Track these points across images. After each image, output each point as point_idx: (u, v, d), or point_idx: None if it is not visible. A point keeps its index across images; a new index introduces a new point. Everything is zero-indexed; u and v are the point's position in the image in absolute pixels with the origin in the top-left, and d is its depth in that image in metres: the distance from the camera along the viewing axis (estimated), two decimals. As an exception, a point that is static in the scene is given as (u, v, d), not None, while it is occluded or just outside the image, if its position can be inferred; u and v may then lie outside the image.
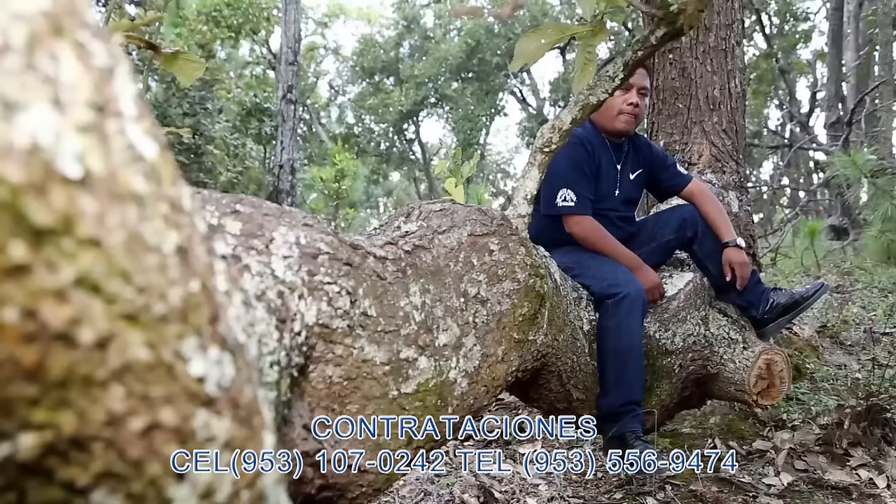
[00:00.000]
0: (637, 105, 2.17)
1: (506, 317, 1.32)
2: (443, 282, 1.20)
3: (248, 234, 0.82)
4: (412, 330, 1.09)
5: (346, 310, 0.94)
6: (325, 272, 0.91)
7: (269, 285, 0.79)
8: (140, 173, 0.36)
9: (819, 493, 2.55)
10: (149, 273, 0.35)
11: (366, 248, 1.07)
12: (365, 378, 1.01)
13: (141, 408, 0.35)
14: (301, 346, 0.85)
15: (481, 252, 1.29)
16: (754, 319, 2.34)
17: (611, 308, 2.04)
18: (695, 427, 3.09)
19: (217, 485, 0.40)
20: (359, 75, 26.02)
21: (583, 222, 2.14)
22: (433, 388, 1.12)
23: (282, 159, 8.80)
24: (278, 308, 0.77)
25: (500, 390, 1.37)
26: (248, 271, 0.77)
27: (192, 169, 7.63)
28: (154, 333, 0.35)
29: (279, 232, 0.87)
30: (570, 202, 2.08)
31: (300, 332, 0.84)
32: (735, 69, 3.29)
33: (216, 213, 0.81)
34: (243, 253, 0.79)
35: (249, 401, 0.43)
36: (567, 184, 2.08)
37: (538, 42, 1.20)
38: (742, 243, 2.31)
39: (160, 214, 0.37)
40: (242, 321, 0.48)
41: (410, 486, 2.67)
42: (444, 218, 1.29)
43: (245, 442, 0.42)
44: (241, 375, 0.43)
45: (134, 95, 0.39)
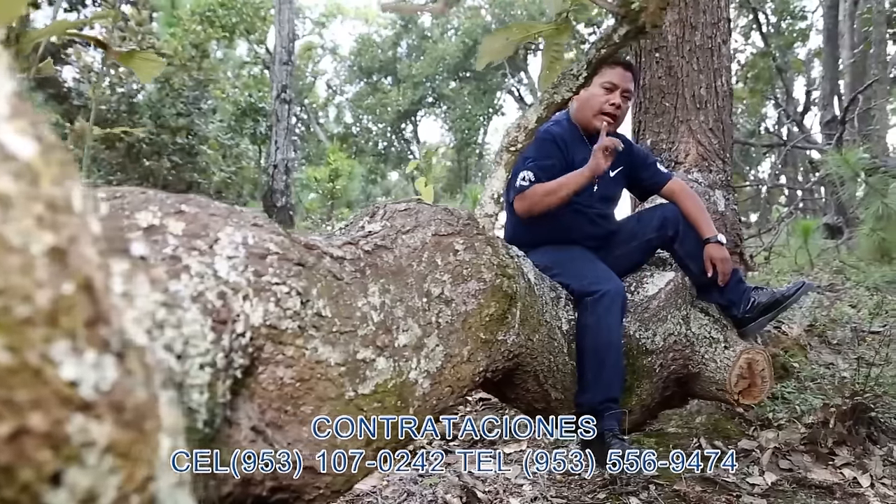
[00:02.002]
0: (619, 107, 2.17)
1: (472, 317, 1.31)
2: (405, 282, 1.19)
3: (191, 234, 0.82)
4: (370, 330, 1.09)
5: (296, 310, 0.93)
6: (273, 273, 0.90)
7: (209, 286, 0.78)
8: (8, 173, 0.36)
9: (803, 492, 2.55)
10: (10, 275, 0.34)
11: (322, 249, 1.06)
12: (319, 379, 1.00)
13: (6, 413, 0.34)
14: (245, 348, 0.84)
15: (446, 252, 1.28)
16: (735, 318, 2.33)
17: (590, 306, 2.03)
18: (681, 426, 3.08)
19: (100, 490, 0.39)
20: (356, 75, 26.02)
21: (525, 194, 2.08)
22: (392, 388, 1.12)
23: (276, 159, 8.79)
24: (217, 309, 0.77)
25: (466, 391, 1.37)
26: (188, 272, 0.76)
27: (185, 169, 7.64)
28: (16, 336, 0.34)
29: (225, 232, 0.86)
30: (526, 181, 2.06)
31: (244, 334, 0.83)
32: (721, 67, 3.28)
33: (158, 213, 0.81)
34: (184, 253, 0.78)
35: (140, 404, 0.43)
36: (528, 167, 2.06)
37: (503, 40, 1.19)
38: (724, 240, 2.30)
39: (32, 215, 0.36)
40: (149, 322, 0.47)
41: (394, 487, 2.67)
42: (408, 218, 1.29)
43: (132, 446, 0.41)
44: (131, 378, 0.42)
45: (8, 94, 0.38)
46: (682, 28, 3.21)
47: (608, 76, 2.16)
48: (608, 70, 2.17)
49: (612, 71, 2.16)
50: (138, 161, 7.42)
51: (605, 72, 2.18)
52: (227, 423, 0.84)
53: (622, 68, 2.19)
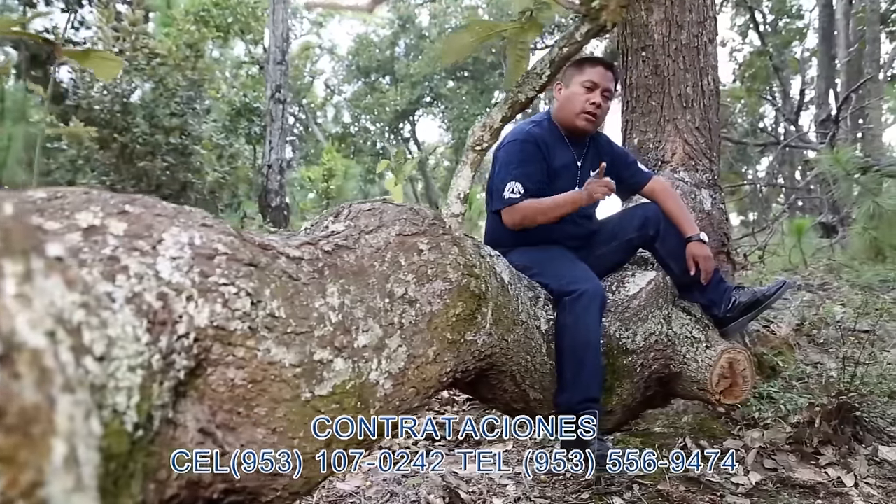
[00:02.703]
0: (599, 106, 2.15)
1: (437, 317, 1.31)
2: (366, 282, 1.18)
3: (133, 234, 0.81)
4: (328, 331, 1.08)
5: (245, 311, 0.93)
6: (221, 273, 0.89)
7: (148, 287, 0.77)
8: None
9: (786, 491, 2.54)
10: None
11: (278, 249, 1.05)
12: (273, 380, 0.99)
13: None
14: (189, 349, 0.83)
15: (410, 252, 1.27)
16: (716, 318, 2.33)
17: (568, 305, 2.02)
18: (667, 426, 3.08)
19: (-22, 495, 0.39)
20: (354, 75, 26.01)
21: (513, 211, 2.10)
22: (351, 389, 1.11)
23: (270, 159, 8.78)
24: (155, 310, 0.76)
25: (433, 391, 1.36)
26: (125, 273, 0.76)
27: (179, 169, 7.63)
28: None
29: (170, 232, 0.85)
30: (516, 194, 2.06)
31: (187, 335, 0.82)
32: (708, 66, 3.27)
33: (100, 213, 0.80)
34: (124, 254, 0.78)
35: (27, 408, 0.42)
36: (516, 177, 2.06)
37: (466, 39, 1.18)
38: (706, 238, 2.30)
39: None
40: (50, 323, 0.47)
41: (377, 487, 2.66)
42: (372, 217, 1.28)
43: (17, 451, 0.41)
44: (18, 382, 0.42)
45: None
46: (668, 27, 3.20)
47: (589, 75, 2.15)
48: (589, 69, 2.16)
49: (592, 70, 2.15)
50: (132, 161, 7.41)
51: (586, 70, 2.17)
52: (172, 424, 0.84)
53: (602, 67, 2.17)
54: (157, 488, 0.79)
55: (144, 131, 7.36)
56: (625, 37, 3.36)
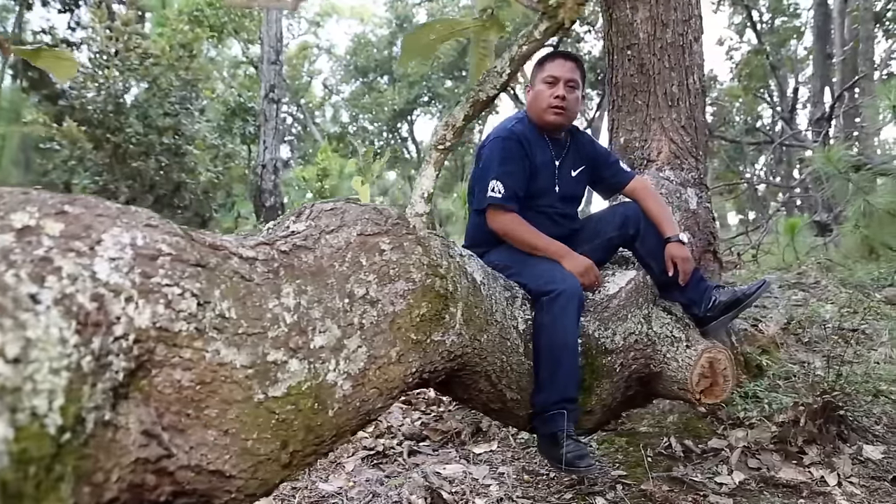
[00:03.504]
0: (564, 98, 2.13)
1: (400, 318, 1.30)
2: (325, 282, 1.18)
3: (70, 235, 0.80)
4: (282, 332, 1.07)
5: (191, 312, 0.92)
6: (164, 274, 0.89)
7: (81, 288, 0.76)
8: None
9: (769, 491, 2.53)
10: None
11: (230, 249, 1.04)
12: (223, 382, 0.98)
13: None
14: (128, 350, 0.82)
15: (371, 252, 1.27)
16: (696, 318, 2.32)
17: (545, 305, 2.02)
18: (652, 426, 3.07)
19: None
20: (352, 74, 25.99)
21: (502, 217, 2.10)
22: (307, 390, 1.10)
23: (265, 159, 8.77)
24: (87, 312, 0.75)
25: (397, 392, 1.35)
26: (57, 274, 0.75)
27: (172, 169, 7.61)
28: None
29: (111, 233, 0.84)
30: (497, 193, 2.05)
31: (125, 336, 0.82)
32: (693, 65, 3.27)
33: (36, 213, 0.79)
34: (58, 255, 0.77)
35: None
36: (497, 176, 2.05)
37: (427, 38, 1.17)
38: (685, 239, 2.29)
39: None
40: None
41: (360, 488, 2.66)
42: (333, 217, 1.27)
43: None
44: None
45: None
46: (653, 25, 3.19)
47: (549, 70, 2.12)
48: (548, 64, 2.14)
49: (551, 64, 2.13)
50: (125, 162, 7.40)
51: (546, 66, 2.14)
52: (111, 427, 0.83)
53: (562, 59, 2.14)
54: (93, 491, 0.78)
55: (138, 131, 7.35)
56: (610, 35, 3.36)
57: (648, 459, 2.72)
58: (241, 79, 20.87)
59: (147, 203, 7.45)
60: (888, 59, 12.18)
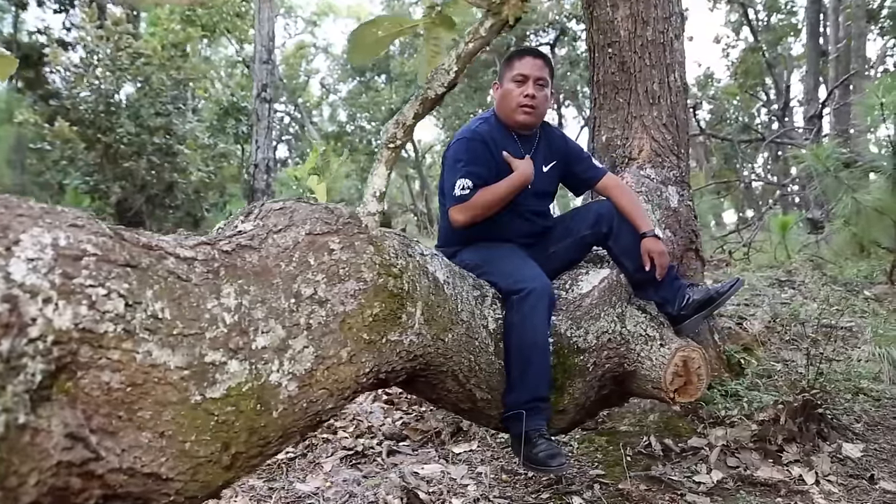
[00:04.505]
0: (534, 97, 2.12)
1: (351, 317, 1.29)
2: (270, 282, 1.17)
3: (-15, 236, 0.79)
4: (221, 333, 1.06)
5: (118, 313, 0.91)
6: (88, 274, 0.87)
7: (-8, 289, 0.75)
8: None
9: (747, 490, 2.52)
10: None
11: (166, 249, 1.03)
12: (156, 383, 0.97)
13: None
14: (46, 352, 0.81)
15: (320, 251, 1.26)
16: (670, 316, 2.30)
17: (515, 304, 2.00)
18: (633, 424, 3.06)
19: None
20: (349, 74, 25.92)
21: (469, 203, 2.07)
22: (248, 392, 1.09)
23: (257, 158, 8.77)
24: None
25: (350, 392, 1.34)
26: (-35, 275, 0.74)
27: (164, 169, 7.59)
28: None
29: (31, 233, 0.83)
30: (465, 191, 2.04)
31: (42, 337, 0.81)
32: (674, 63, 3.25)
33: (-49, 214, 0.78)
34: (-31, 256, 0.76)
35: None
36: (464, 175, 2.04)
37: (375, 35, 1.16)
38: (661, 234, 2.27)
39: None
40: None
41: (336, 488, 2.65)
42: (282, 217, 1.26)
43: None
44: None
45: None
46: (633, 23, 3.18)
47: (517, 68, 2.12)
48: (517, 62, 2.14)
49: (519, 62, 2.12)
50: (116, 162, 7.38)
51: (514, 65, 2.14)
52: (29, 430, 0.82)
53: (531, 57, 2.14)
54: (7, 496, 0.77)
55: (129, 131, 7.34)
56: (591, 33, 3.34)
57: (628, 458, 2.72)
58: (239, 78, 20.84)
59: (139, 203, 7.44)
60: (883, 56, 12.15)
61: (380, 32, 1.16)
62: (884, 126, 4.68)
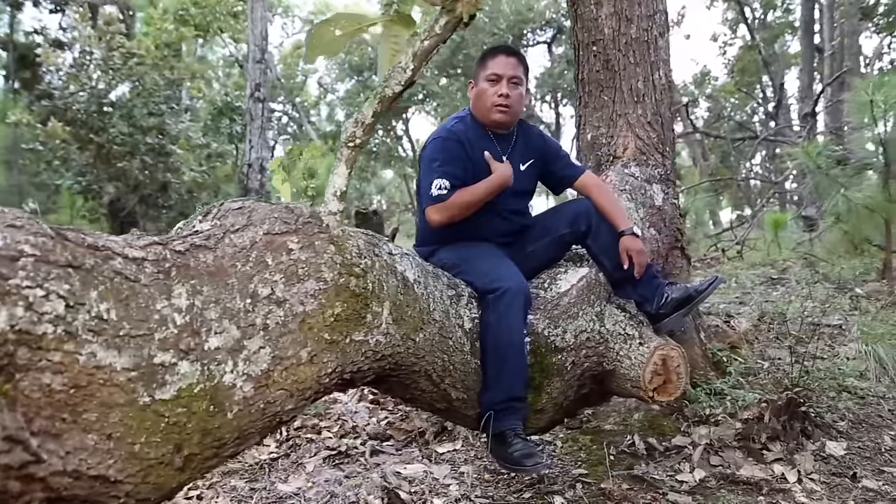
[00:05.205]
0: (508, 96, 2.11)
1: (311, 318, 1.28)
2: (224, 283, 1.16)
3: (-85, 237, 0.78)
4: (171, 333, 1.05)
5: (58, 314, 0.90)
6: (25, 276, 0.87)
7: (-81, 291, 0.74)
8: None
9: (729, 488, 2.52)
10: None
11: (113, 250, 1.02)
12: (101, 385, 0.97)
13: None
14: (-22, 354, 0.80)
15: (278, 251, 1.25)
16: (649, 315, 2.29)
17: (491, 303, 2.00)
18: (617, 423, 3.05)
19: None
20: (347, 73, 25.90)
21: (447, 204, 2.06)
22: (200, 392, 1.08)
23: (250, 158, 8.76)
24: (-79, 315, 0.73)
25: (312, 393, 1.33)
26: None
27: (157, 169, 7.58)
28: None
29: (-35, 234, 0.82)
30: (444, 190, 2.04)
31: (-26, 340, 0.80)
32: (659, 60, 3.24)
33: None
34: None
35: None
36: (440, 174, 2.03)
37: (332, 33, 1.15)
38: (639, 231, 2.26)
39: None
40: None
41: (318, 489, 2.64)
42: (240, 216, 1.25)
43: None
44: None
45: None
46: (617, 21, 3.17)
47: (491, 68, 2.11)
48: (490, 61, 2.12)
49: (493, 61, 2.11)
50: (109, 162, 7.37)
51: (488, 64, 2.12)
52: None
53: (504, 55, 2.13)
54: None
55: (122, 131, 7.32)
56: (576, 31, 3.33)
57: (611, 458, 2.71)
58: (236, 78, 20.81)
59: (132, 203, 7.45)
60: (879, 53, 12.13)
61: (337, 31, 1.15)
62: (874, 124, 4.67)
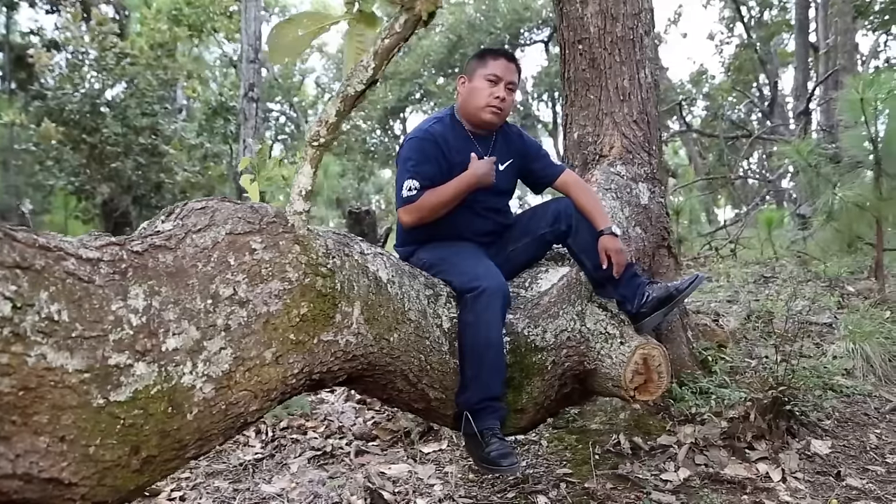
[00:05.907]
0: (504, 99, 2.13)
1: (276, 318, 1.27)
2: (184, 283, 1.15)
3: None
4: (126, 335, 1.05)
5: (4, 316, 0.89)
6: (-30, 277, 0.86)
7: None
8: None
9: (713, 487, 2.51)
10: None
11: (66, 251, 1.01)
12: (53, 387, 0.96)
13: None
14: (-82, 357, 0.80)
15: (241, 251, 1.24)
16: (630, 314, 2.28)
17: (469, 303, 1.99)
18: (604, 423, 3.04)
19: None
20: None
21: (415, 205, 2.06)
22: (158, 394, 1.08)
23: (245, 158, 8.73)
24: None
25: (278, 394, 1.32)
26: None
27: (151, 169, 7.58)
28: None
29: None
30: (413, 191, 2.03)
31: (-88, 342, 0.79)
32: (644, 59, 3.23)
33: None
34: None
35: None
36: (412, 175, 2.03)
37: (294, 33, 1.14)
38: (618, 231, 2.26)
39: None
40: None
41: (301, 489, 2.63)
42: (202, 216, 1.24)
43: None
44: None
45: None
46: (603, 19, 3.16)
47: (492, 68, 2.12)
48: (492, 62, 2.13)
49: (495, 62, 2.12)
50: (102, 162, 7.36)
51: (489, 63, 2.14)
52: None
53: (506, 59, 2.14)
54: None
55: (115, 131, 7.31)
56: (562, 30, 3.33)
57: (596, 457, 2.70)
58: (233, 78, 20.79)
59: (125, 203, 7.43)
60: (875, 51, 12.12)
61: (299, 31, 1.14)
62: (865, 122, 4.66)
